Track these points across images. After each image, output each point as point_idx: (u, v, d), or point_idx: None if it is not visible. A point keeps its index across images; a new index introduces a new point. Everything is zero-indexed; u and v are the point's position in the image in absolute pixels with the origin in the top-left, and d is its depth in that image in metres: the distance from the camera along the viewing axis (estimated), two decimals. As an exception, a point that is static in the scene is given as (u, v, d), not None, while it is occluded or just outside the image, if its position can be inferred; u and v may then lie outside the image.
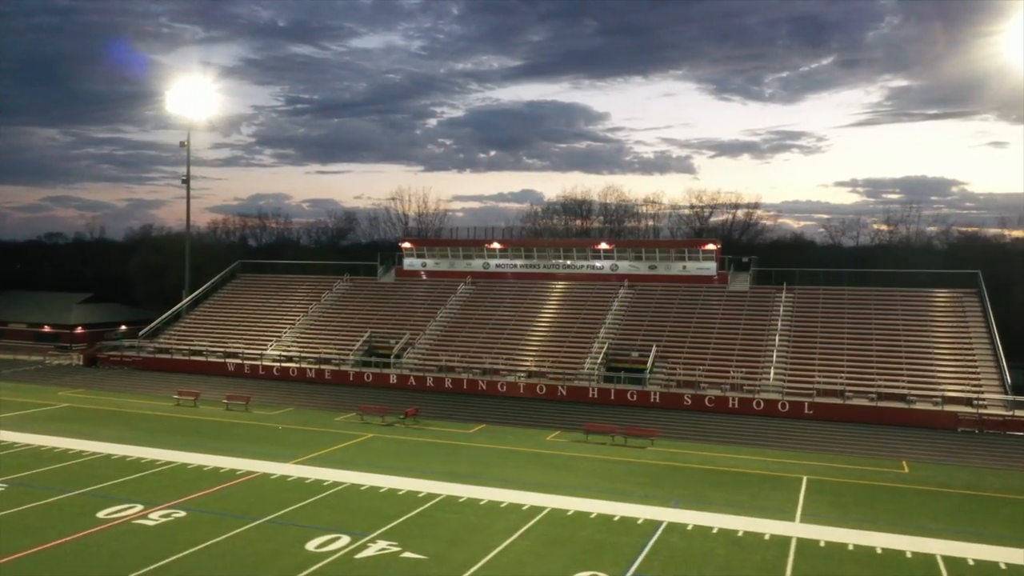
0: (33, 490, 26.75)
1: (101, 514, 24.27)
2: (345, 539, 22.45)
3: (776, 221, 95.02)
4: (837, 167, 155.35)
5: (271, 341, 58.32)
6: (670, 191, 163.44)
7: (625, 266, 59.94)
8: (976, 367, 45.37)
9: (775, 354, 48.36)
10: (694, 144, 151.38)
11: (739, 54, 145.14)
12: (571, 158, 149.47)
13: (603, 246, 60.70)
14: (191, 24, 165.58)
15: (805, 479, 30.75)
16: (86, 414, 41.07)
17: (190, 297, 66.26)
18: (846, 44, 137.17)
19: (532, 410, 44.34)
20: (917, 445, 37.29)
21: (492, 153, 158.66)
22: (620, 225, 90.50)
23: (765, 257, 63.50)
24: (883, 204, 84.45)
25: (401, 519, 24.48)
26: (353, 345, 55.89)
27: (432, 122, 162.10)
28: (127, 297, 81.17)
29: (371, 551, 21.66)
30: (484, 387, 49.30)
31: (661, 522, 24.78)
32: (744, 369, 47.37)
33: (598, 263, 60.70)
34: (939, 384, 43.84)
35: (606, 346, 51.19)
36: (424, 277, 64.96)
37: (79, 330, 67.78)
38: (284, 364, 54.56)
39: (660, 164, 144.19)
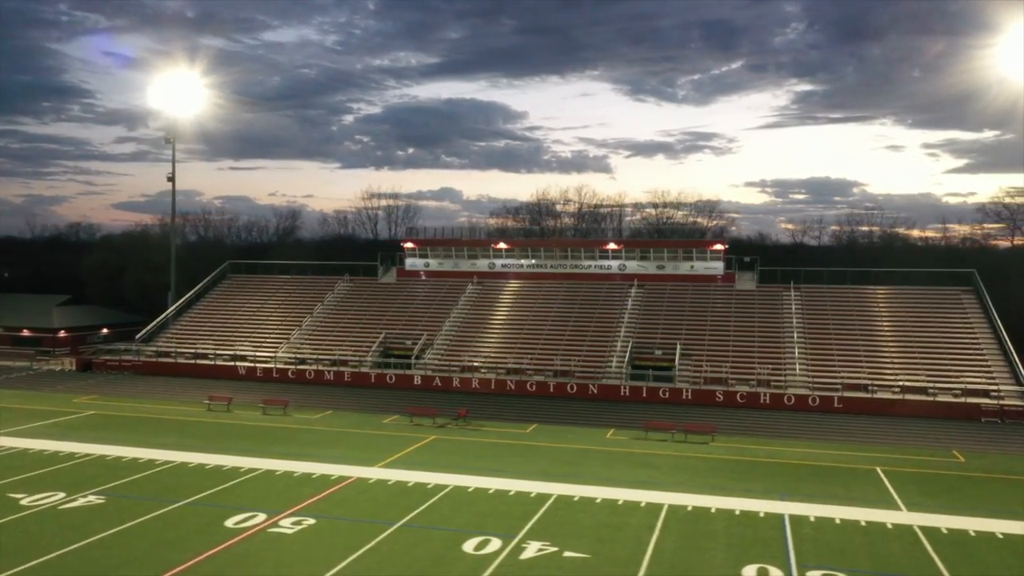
0: (136, 501, 25.54)
1: (229, 523, 23.40)
2: (497, 542, 22.24)
3: (692, 221, 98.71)
4: (747, 168, 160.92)
5: (280, 343, 56.89)
6: (597, 189, 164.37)
7: (633, 266, 60.80)
8: (986, 360, 47.86)
9: (796, 350, 49.91)
10: (611, 144, 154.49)
11: (653, 56, 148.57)
12: (490, 156, 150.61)
13: (612, 246, 61.41)
14: (92, 12, 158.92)
15: (879, 470, 31.95)
16: (120, 421, 39.26)
17: (183, 299, 63.97)
18: (755, 48, 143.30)
19: (572, 409, 44.57)
20: (955, 435, 39.12)
21: (410, 151, 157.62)
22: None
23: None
24: (791, 204, 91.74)
25: (534, 519, 24.40)
26: (367, 346, 55.06)
27: (349, 119, 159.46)
28: (92, 298, 77.64)
29: (531, 552, 21.55)
30: (512, 387, 49.29)
31: (781, 515, 25.40)
32: (768, 366, 48.75)
33: (606, 263, 61.38)
34: (957, 377, 46.08)
35: (629, 345, 51.88)
36: (426, 277, 64.38)
37: (62, 334, 64.55)
38: (300, 367, 53.30)
39: (578, 163, 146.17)
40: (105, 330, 68.67)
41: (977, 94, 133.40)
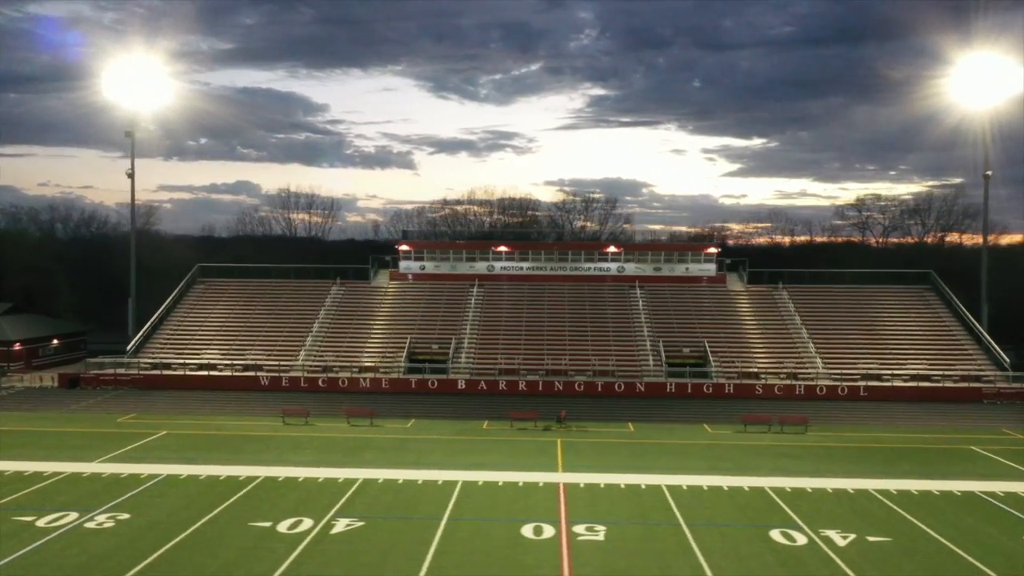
0: (385, 521, 24.35)
1: (526, 534, 23.06)
2: (800, 535, 23.57)
3: (494, 219, 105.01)
4: (546, 167, 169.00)
5: (294, 351, 54.11)
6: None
7: (632, 268, 63.21)
8: (965, 348, 54.51)
9: (812, 345, 54.33)
10: (414, 140, 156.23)
11: (456, 54, 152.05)
12: (290, 149, 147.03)
13: (611, 249, 63.54)
14: None
15: (975, 449, 36.14)
16: (215, 441, 36.12)
17: (163, 307, 58.95)
18: (552, 52, 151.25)
19: (641, 407, 46.00)
20: (986, 416, 44.52)
21: (203, 141, 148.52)
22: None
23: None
24: (587, 203, 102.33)
25: (789, 510, 25.86)
26: (392, 352, 53.68)
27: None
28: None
29: (839, 541, 23.01)
30: (560, 387, 50.09)
31: (973, 491, 28.53)
32: (791, 359, 52.75)
33: (605, 265, 63.35)
34: (951, 365, 52.20)
35: (660, 343, 54.18)
36: (422, 280, 63.37)
37: (17, 347, 57.42)
38: (330, 375, 51.05)
39: (381, 159, 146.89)
40: (56, 341, 61.94)
41: (748, 104, 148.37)
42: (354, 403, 44.90)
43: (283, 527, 23.64)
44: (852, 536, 23.34)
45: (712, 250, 63.52)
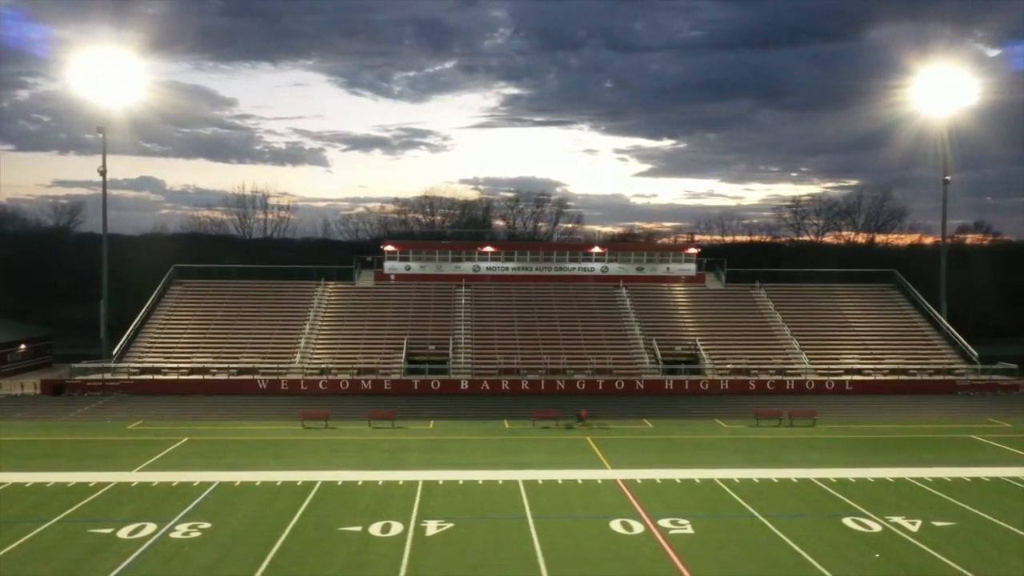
0: (473, 521, 24.51)
1: (618, 529, 23.68)
2: (872, 523, 24.90)
3: (409, 216, 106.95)
4: (461, 165, 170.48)
5: (287, 353, 53.19)
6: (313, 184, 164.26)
7: (615, 268, 64.47)
8: (934, 344, 57.83)
9: (796, 342, 56.61)
10: (327, 137, 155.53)
11: (369, 50, 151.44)
12: (196, 144, 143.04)
13: (596, 250, 64.68)
14: None
15: (975, 437, 38.61)
16: (240, 447, 35.40)
17: (144, 309, 56.92)
18: (466, 50, 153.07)
19: (645, 404, 47.14)
20: (967, 406, 47.44)
21: (101, 134, 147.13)
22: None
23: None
24: (503, 202, 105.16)
25: (848, 500, 27.23)
26: (388, 353, 53.39)
27: (23, 94, 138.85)
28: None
29: (909, 527, 24.39)
30: (562, 386, 50.81)
31: (998, 477, 30.62)
32: (778, 356, 54.90)
33: (589, 265, 64.42)
34: (926, 358, 55.32)
35: (654, 342, 55.54)
36: (408, 281, 63.07)
37: (-15, 352, 54.57)
38: (331, 378, 50.41)
39: (293, 155, 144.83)
40: (23, 346, 59.08)
41: (658, 106, 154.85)
42: (359, 406, 44.59)
43: (375, 530, 23.54)
44: (919, 522, 24.78)
45: (692, 251, 65.44)
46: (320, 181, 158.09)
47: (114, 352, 51.87)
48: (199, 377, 49.97)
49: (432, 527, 23.93)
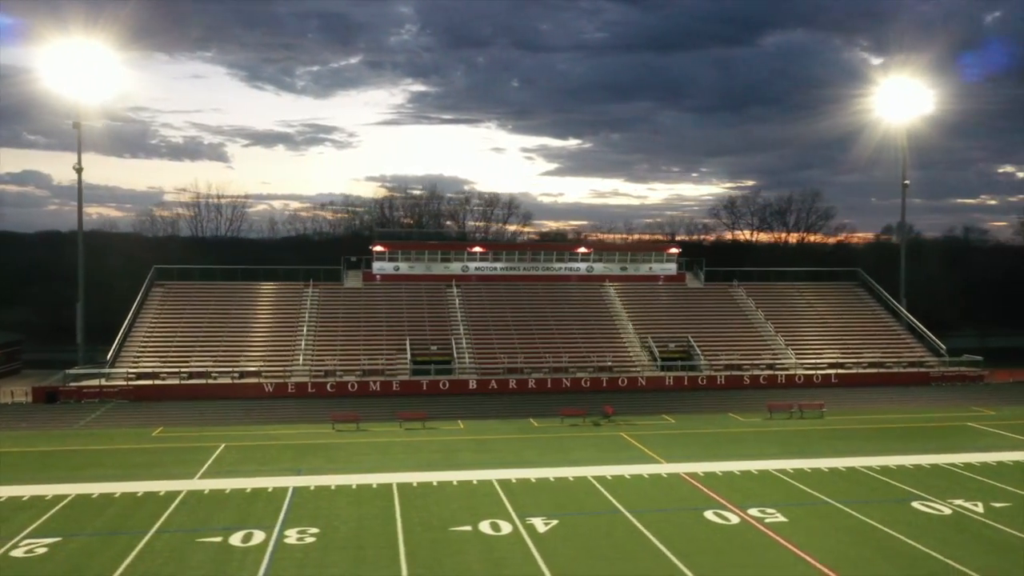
0: (574, 518, 25.21)
1: (713, 519, 24.80)
2: (942, 507, 26.78)
3: (312, 214, 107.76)
4: (367, 162, 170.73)
5: (286, 356, 52.32)
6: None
7: (600, 267, 65.85)
8: (903, 338, 61.51)
9: (781, 338, 59.19)
10: (227, 131, 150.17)
11: (271, 43, 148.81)
12: (85, 137, 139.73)
13: (582, 250, 65.93)
14: None
15: (971, 424, 41.55)
16: (286, 451, 34.86)
17: (131, 313, 54.86)
18: (372, 46, 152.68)
19: (655, 400, 48.56)
20: (947, 396, 50.71)
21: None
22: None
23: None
24: (410, 200, 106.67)
25: (905, 486, 29.10)
26: (391, 353, 53.23)
27: None
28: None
29: (975, 508, 26.29)
30: (568, 384, 51.76)
31: (1006, 461, 33.26)
32: (766, 351, 57.35)
33: (575, 264, 65.61)
34: (899, 352, 58.81)
35: (648, 339, 57.12)
36: (397, 282, 62.79)
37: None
38: (340, 380, 49.89)
39: (191, 150, 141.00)
40: (-8, 353, 56.11)
41: (564, 106, 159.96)
42: (375, 407, 44.49)
43: (487, 529, 23.91)
44: (980, 503, 26.85)
45: (674, 250, 67.47)
46: (220, 177, 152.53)
47: (108, 358, 49.86)
48: (202, 381, 48.71)
49: (540, 524, 24.41)
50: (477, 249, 64.35)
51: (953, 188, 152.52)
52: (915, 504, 26.80)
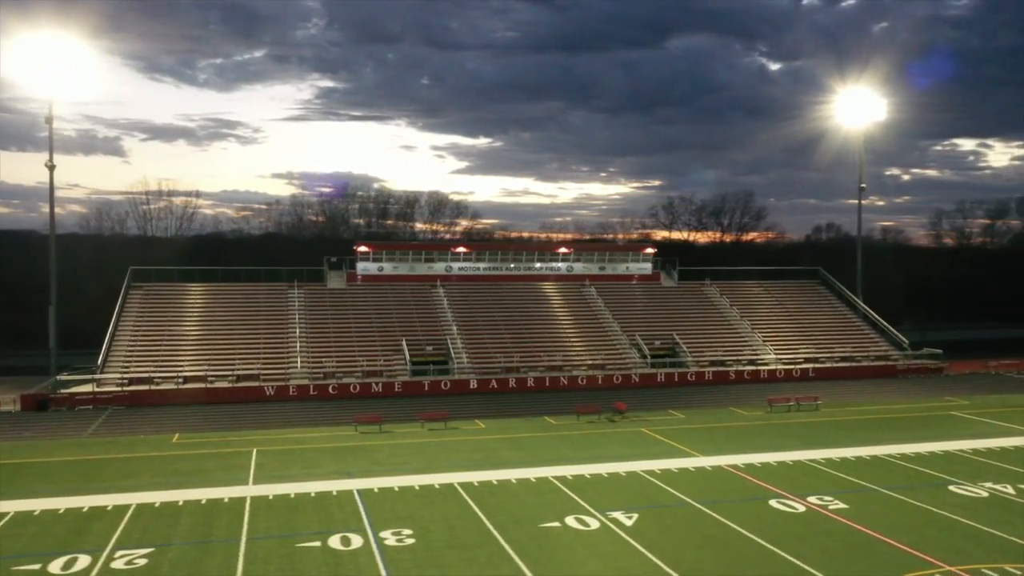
0: (650, 511, 26.13)
1: (777, 506, 26.13)
2: (978, 490, 28.84)
3: (216, 211, 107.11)
4: (274, 159, 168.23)
5: (282, 358, 51.46)
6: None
7: (579, 267, 67.06)
8: (867, 333, 64.99)
9: (759, 335, 61.64)
10: (123, 125, 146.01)
11: (171, 33, 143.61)
12: None
13: (562, 250, 67.03)
14: None
15: (956, 414, 44.51)
16: (322, 455, 34.49)
17: (114, 317, 52.82)
18: (278, 39, 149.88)
19: (655, 397, 49.99)
20: (920, 389, 53.93)
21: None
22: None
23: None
24: (318, 197, 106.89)
25: (935, 472, 31.18)
26: (389, 354, 53.02)
27: None
28: None
29: (1011, 491, 28.49)
30: (565, 382, 52.70)
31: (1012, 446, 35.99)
32: (746, 347, 59.69)
33: (556, 264, 66.63)
34: (865, 347, 62.13)
35: (637, 337, 58.61)
36: (381, 282, 62.40)
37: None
38: (341, 382, 49.41)
39: (84, 144, 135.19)
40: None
41: (475, 104, 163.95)
42: (385, 408, 44.40)
43: (573, 523, 24.53)
44: (1009, 486, 29.08)
45: (650, 250, 69.32)
46: (116, 172, 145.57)
47: (99, 364, 47.96)
48: (200, 386, 47.44)
49: (623, 518, 25.19)
50: (461, 249, 64.60)
51: (842, 189, 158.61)
52: (952, 488, 28.77)
